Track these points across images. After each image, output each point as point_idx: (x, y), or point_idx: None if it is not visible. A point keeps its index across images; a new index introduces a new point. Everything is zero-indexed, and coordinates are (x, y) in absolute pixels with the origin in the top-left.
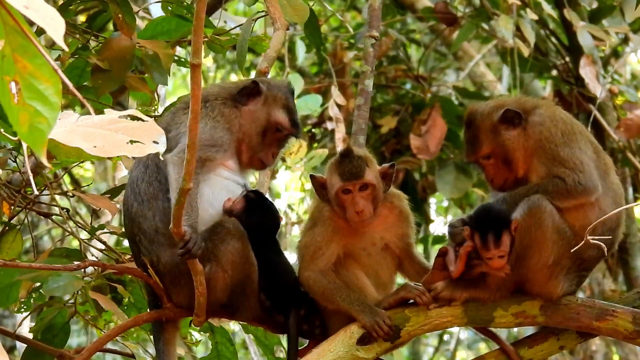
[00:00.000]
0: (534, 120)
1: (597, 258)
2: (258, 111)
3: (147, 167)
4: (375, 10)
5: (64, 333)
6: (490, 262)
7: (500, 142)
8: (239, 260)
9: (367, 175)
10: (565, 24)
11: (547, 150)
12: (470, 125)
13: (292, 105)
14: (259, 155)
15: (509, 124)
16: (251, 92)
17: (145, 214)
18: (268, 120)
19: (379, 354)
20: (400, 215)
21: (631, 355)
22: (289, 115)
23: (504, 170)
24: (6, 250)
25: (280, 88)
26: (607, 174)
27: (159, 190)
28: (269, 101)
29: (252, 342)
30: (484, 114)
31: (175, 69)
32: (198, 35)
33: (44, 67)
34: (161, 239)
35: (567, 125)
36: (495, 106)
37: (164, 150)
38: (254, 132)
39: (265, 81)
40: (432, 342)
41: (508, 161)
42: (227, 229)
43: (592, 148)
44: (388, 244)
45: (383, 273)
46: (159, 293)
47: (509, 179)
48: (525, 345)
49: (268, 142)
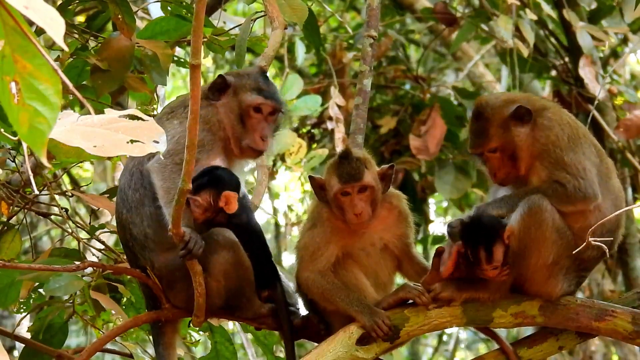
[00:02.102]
0: (542, 124)
1: (597, 259)
2: (230, 102)
3: (132, 174)
4: (374, 10)
5: (63, 333)
6: (485, 273)
7: (509, 138)
8: (232, 268)
9: (366, 178)
10: (564, 24)
11: (551, 154)
12: (479, 117)
13: (263, 85)
14: (246, 143)
15: (519, 120)
16: (219, 86)
17: (134, 221)
18: (240, 107)
19: (378, 354)
20: (400, 216)
21: (630, 356)
22: (260, 93)
23: (508, 165)
24: (5, 251)
25: (249, 74)
26: (608, 177)
27: (145, 196)
28: (238, 89)
29: (249, 343)
30: (495, 107)
31: (174, 69)
32: (197, 36)
33: (44, 67)
34: (151, 244)
35: (573, 130)
36: (506, 100)
37: (164, 150)
38: (233, 123)
39: (233, 73)
40: (431, 343)
41: (513, 157)
42: (216, 241)
43: (595, 152)
44: (387, 244)
45: (382, 273)
46: (157, 294)
47: (511, 174)
48: (524, 346)
49: (251, 127)
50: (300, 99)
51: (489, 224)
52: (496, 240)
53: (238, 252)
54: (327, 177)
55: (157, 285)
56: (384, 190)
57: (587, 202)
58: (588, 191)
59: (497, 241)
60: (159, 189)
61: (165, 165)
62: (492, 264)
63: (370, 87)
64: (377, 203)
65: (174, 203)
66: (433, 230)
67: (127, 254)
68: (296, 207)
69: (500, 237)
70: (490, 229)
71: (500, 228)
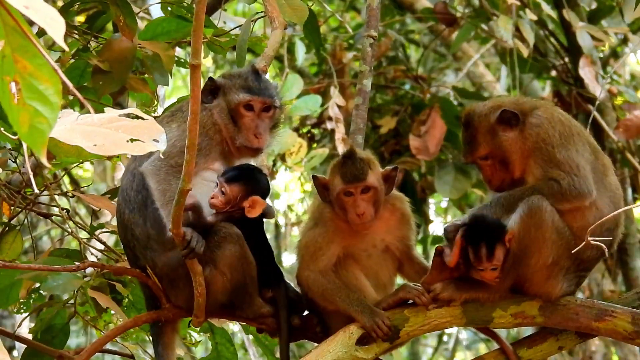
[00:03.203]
0: (531, 122)
1: (596, 258)
2: (221, 103)
3: (134, 175)
4: (374, 10)
5: (64, 334)
6: (483, 274)
7: (498, 143)
8: (237, 262)
9: (370, 178)
10: (564, 25)
11: (543, 151)
12: (467, 126)
13: (252, 83)
14: (240, 142)
15: (506, 124)
16: (210, 89)
17: (137, 221)
18: (230, 107)
19: (378, 354)
20: (402, 218)
21: (630, 356)
22: (249, 90)
23: (502, 171)
24: (6, 251)
25: (240, 74)
26: (605, 175)
27: (147, 197)
28: (227, 90)
29: (251, 343)
30: (482, 115)
31: (174, 69)
32: (197, 36)
33: (44, 68)
34: (154, 244)
35: (565, 127)
36: (492, 107)
37: (163, 149)
38: (226, 123)
39: (225, 74)
40: (431, 343)
41: (505, 162)
42: (221, 236)
43: (590, 149)
44: (389, 245)
45: (383, 274)
46: (157, 294)
47: (506, 180)
48: (524, 346)
49: (244, 126)
50: (300, 99)
51: (493, 224)
52: (498, 241)
53: (243, 246)
54: (330, 176)
55: (157, 285)
56: (387, 191)
57: (582, 199)
58: (583, 187)
59: (500, 242)
60: (154, 191)
61: (160, 167)
62: (493, 262)
63: (370, 87)
64: (379, 204)
65: (174, 203)
66: (433, 231)
67: (128, 254)
68: (296, 207)
69: (503, 238)
70: (493, 229)
71: (503, 230)
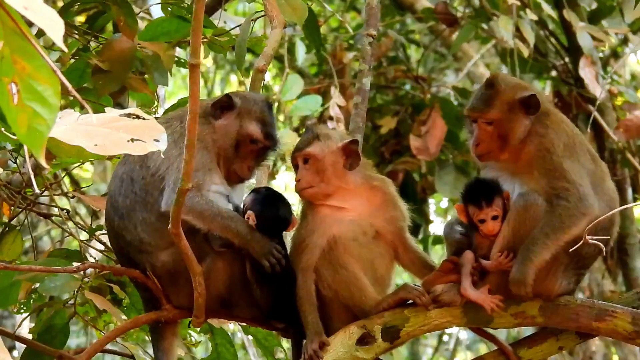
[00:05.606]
0: (538, 131)
1: (594, 256)
2: (230, 124)
3: (122, 181)
4: (373, 9)
5: (64, 334)
6: (484, 226)
7: (509, 118)
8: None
9: (310, 148)
10: (564, 25)
11: (547, 161)
12: (490, 86)
13: (267, 118)
14: (234, 168)
15: (526, 107)
16: (224, 105)
17: (127, 227)
18: (240, 133)
19: (378, 354)
20: (385, 197)
21: (630, 356)
22: (263, 127)
23: (495, 142)
24: (6, 252)
25: (256, 101)
26: (603, 180)
27: (135, 202)
28: (243, 114)
29: (251, 344)
30: (509, 85)
31: (174, 69)
32: (196, 36)
33: (43, 68)
34: (148, 247)
35: (570, 138)
36: (521, 85)
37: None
38: (227, 145)
39: (240, 94)
40: (431, 343)
41: (504, 139)
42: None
43: (589, 158)
44: (379, 231)
45: (379, 265)
46: (157, 295)
47: (493, 153)
48: (524, 346)
49: (242, 154)
50: (300, 99)
51: (487, 180)
52: (496, 193)
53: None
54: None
55: (156, 285)
56: (350, 166)
57: (588, 215)
58: (587, 204)
59: (497, 194)
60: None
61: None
62: (492, 207)
63: (371, 87)
64: (328, 176)
65: (173, 203)
66: (433, 231)
67: (121, 260)
68: (296, 207)
69: (500, 192)
70: (489, 182)
71: (498, 184)
